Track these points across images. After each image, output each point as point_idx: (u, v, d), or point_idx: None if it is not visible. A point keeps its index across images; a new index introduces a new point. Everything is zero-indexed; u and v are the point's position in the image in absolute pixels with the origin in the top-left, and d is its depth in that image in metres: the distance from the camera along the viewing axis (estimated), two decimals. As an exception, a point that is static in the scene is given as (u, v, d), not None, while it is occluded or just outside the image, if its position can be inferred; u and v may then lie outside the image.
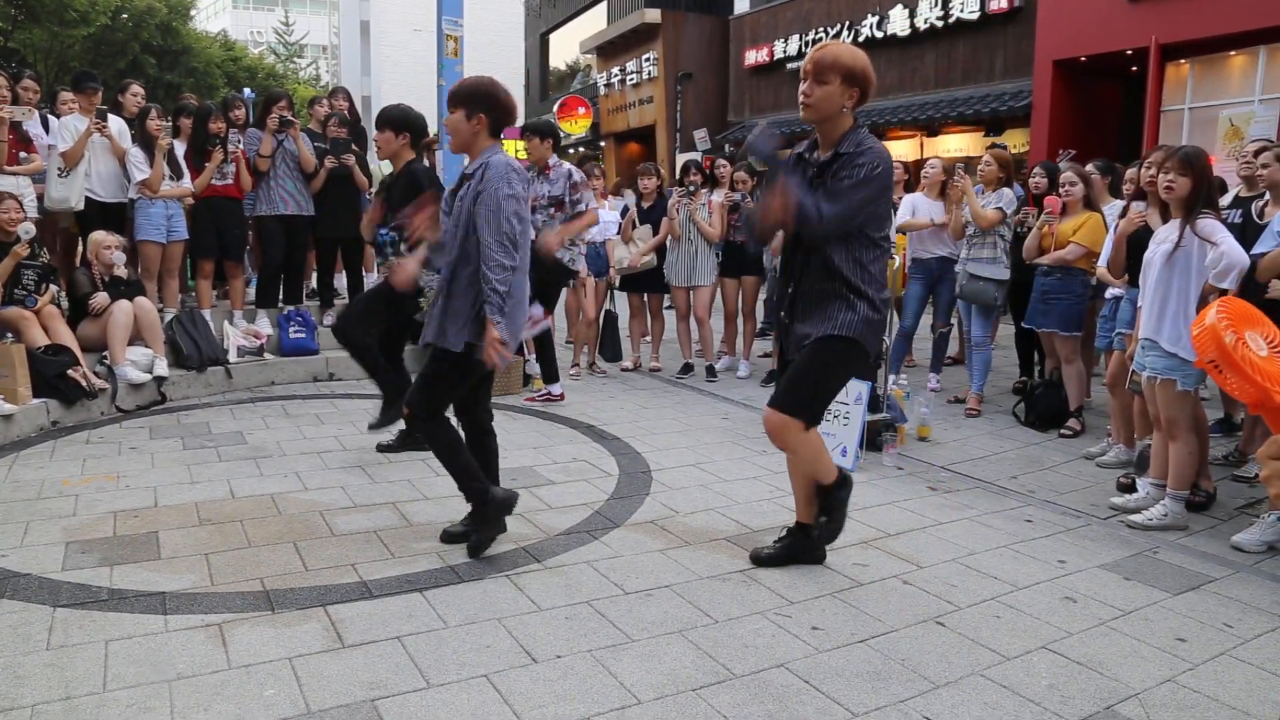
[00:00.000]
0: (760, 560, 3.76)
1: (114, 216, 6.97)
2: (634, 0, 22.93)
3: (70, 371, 5.85)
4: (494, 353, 3.50)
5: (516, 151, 15.36)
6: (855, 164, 3.29)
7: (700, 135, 19.91)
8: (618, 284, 8.11)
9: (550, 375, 6.69)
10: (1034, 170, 6.68)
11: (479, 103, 3.67)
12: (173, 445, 5.41)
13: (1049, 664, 3.01)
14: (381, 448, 5.24)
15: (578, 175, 6.50)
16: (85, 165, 6.73)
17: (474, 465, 3.77)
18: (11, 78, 6.74)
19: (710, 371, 7.74)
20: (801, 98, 3.39)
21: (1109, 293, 5.48)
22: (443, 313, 3.66)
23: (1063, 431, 5.98)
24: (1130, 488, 4.73)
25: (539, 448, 5.49)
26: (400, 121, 4.91)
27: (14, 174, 6.49)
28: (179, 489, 4.60)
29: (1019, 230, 6.43)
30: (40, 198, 6.71)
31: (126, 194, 6.95)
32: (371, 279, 7.71)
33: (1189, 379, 4.26)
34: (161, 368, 6.49)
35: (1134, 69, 12.61)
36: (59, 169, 6.63)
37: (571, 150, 25.14)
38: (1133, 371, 4.64)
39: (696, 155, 17.04)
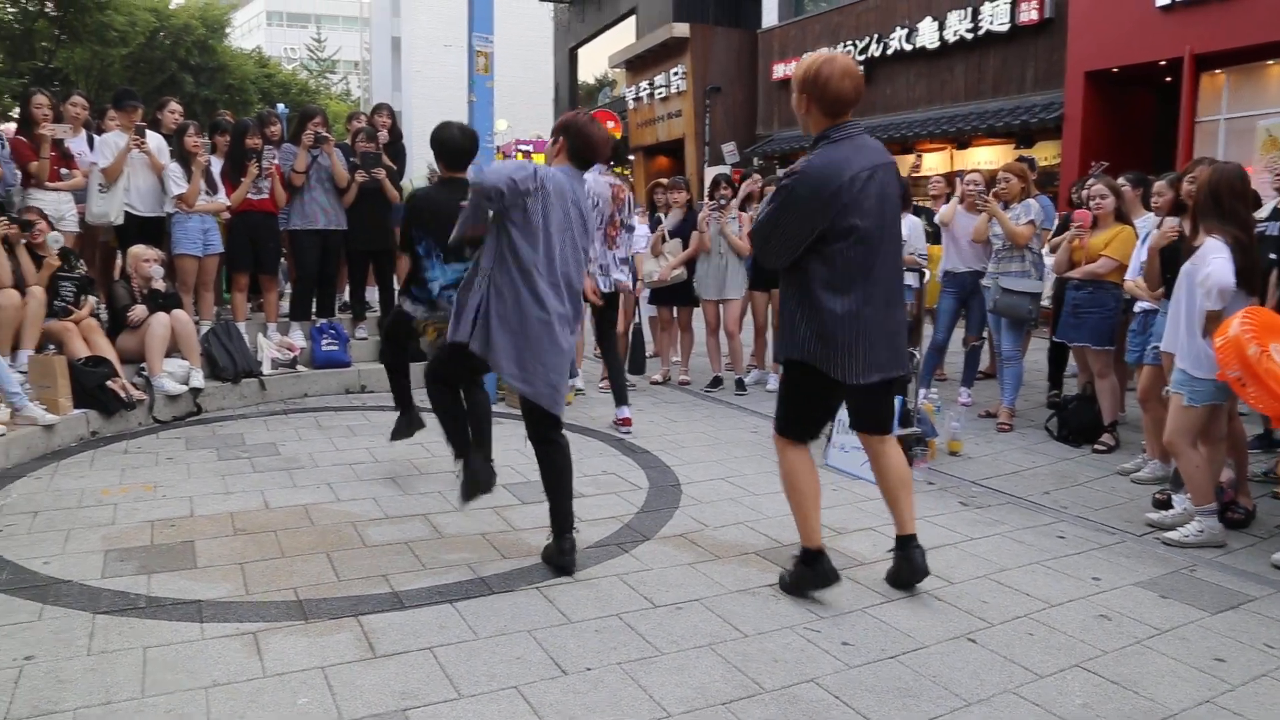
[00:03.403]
0: (917, 577, 3.66)
1: (152, 231, 7.09)
2: (662, 14, 23.00)
3: (109, 383, 5.96)
4: None
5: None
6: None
7: (729, 149, 19.94)
8: (647, 297, 8.14)
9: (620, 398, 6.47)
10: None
11: (562, 130, 3.96)
12: (208, 456, 5.49)
13: (1083, 682, 2.98)
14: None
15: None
16: (125, 181, 6.87)
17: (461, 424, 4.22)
18: (57, 96, 6.90)
19: (739, 385, 7.73)
20: None
21: (1138, 306, 5.42)
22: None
23: (1096, 447, 5.92)
24: (1166, 504, 4.66)
25: (568, 460, 5.50)
26: (431, 144, 4.96)
27: (56, 190, 6.65)
28: (214, 499, 4.67)
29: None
30: (82, 213, 6.86)
31: (164, 208, 7.07)
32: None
33: (1196, 395, 4.21)
34: (197, 379, 6.59)
35: (1168, 79, 12.48)
36: (99, 184, 6.78)
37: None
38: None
39: (725, 169, 17.05)
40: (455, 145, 4.90)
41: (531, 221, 3.66)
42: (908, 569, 3.66)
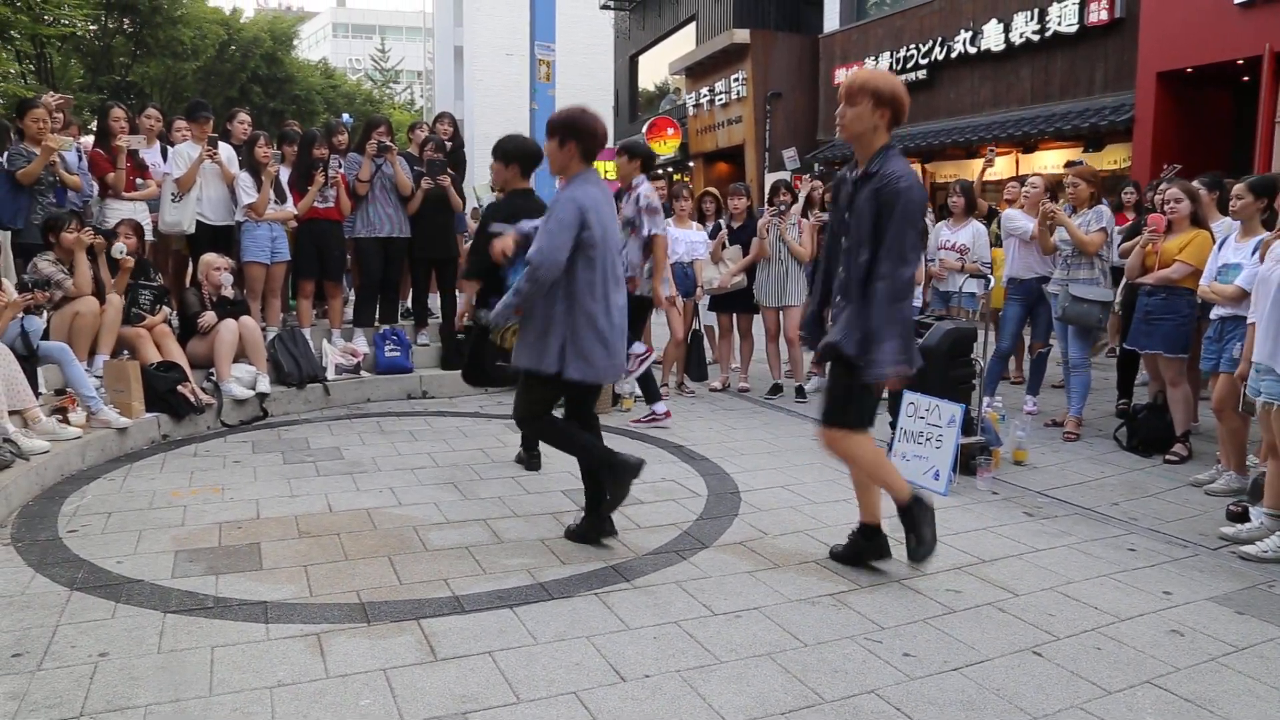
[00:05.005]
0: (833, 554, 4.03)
1: (222, 239, 7.28)
2: (723, 21, 22.97)
3: (180, 387, 6.13)
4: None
5: (606, 172, 15.46)
6: (881, 192, 3.50)
7: (789, 154, 19.82)
8: (707, 304, 8.12)
9: (651, 395, 6.71)
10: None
11: (569, 132, 4.00)
12: (274, 459, 5.61)
13: (1154, 700, 2.89)
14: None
15: (644, 199, 6.37)
16: (197, 190, 7.06)
17: (588, 438, 4.21)
18: (132, 109, 7.13)
19: (800, 392, 7.67)
20: (837, 119, 3.67)
21: (1214, 313, 5.25)
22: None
23: (1168, 457, 5.75)
24: (1242, 517, 4.51)
25: (626, 466, 5.50)
26: (510, 153, 5.10)
27: (131, 199, 6.87)
28: (279, 502, 4.76)
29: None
30: (155, 222, 7.07)
31: (234, 217, 7.25)
32: (464, 300, 7.87)
33: None
34: (264, 384, 6.74)
35: (1245, 78, 12.10)
36: (172, 194, 6.98)
37: (660, 170, 25.28)
38: (1245, 395, 4.45)
39: (785, 174, 16.95)
40: (533, 154, 5.13)
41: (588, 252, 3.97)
42: (873, 556, 3.97)
